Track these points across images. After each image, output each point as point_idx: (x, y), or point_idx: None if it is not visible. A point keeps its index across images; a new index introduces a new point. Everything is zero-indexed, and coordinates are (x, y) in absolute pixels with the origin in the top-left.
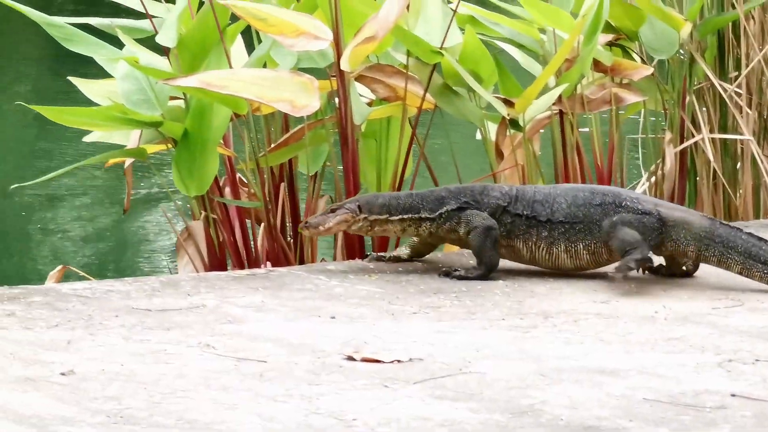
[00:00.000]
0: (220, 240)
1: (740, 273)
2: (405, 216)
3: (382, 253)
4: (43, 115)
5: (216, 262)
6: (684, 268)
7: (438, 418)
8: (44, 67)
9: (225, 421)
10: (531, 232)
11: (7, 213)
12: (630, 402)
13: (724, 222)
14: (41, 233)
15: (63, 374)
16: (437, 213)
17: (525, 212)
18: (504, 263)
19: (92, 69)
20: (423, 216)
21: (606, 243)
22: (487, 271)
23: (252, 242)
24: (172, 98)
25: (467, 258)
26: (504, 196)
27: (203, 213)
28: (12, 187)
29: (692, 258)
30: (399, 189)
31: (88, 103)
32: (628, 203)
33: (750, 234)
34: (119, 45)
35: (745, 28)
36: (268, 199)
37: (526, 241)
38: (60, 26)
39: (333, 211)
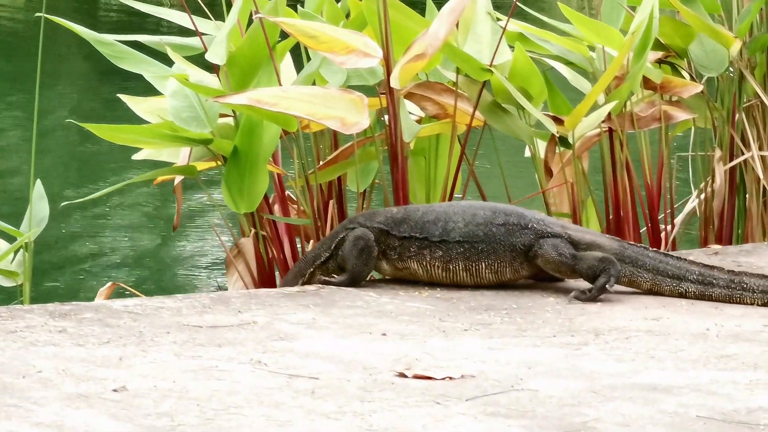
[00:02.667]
0: (270, 257)
1: (649, 290)
2: (313, 266)
3: None
4: (89, 132)
5: (266, 278)
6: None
7: None
8: (88, 85)
9: None
10: (424, 253)
11: (54, 229)
12: (683, 419)
13: (631, 243)
14: (89, 249)
15: (115, 391)
16: (332, 248)
17: (414, 234)
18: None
19: (136, 86)
20: (323, 259)
21: (511, 263)
22: (350, 280)
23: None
24: (222, 115)
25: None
26: (387, 221)
27: (253, 230)
28: (62, 205)
29: None
30: None
31: (132, 119)
32: (534, 225)
33: (656, 251)
34: (167, 62)
35: None
36: (317, 216)
37: (420, 261)
38: (110, 44)
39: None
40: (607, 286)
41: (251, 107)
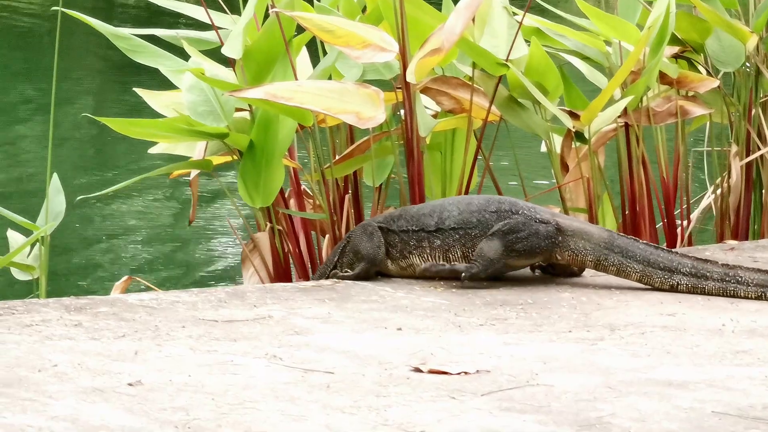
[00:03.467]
0: (286, 251)
1: (639, 281)
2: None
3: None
4: (106, 126)
5: (281, 273)
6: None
7: (506, 431)
8: (105, 79)
9: None
10: (423, 245)
11: (70, 222)
12: (699, 415)
13: (621, 234)
14: (105, 242)
15: (131, 385)
16: (335, 260)
17: (410, 227)
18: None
19: (154, 80)
20: (328, 274)
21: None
22: (366, 266)
23: (317, 254)
24: (238, 110)
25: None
26: (385, 219)
27: (268, 224)
28: (78, 198)
29: (591, 267)
30: None
31: (148, 113)
32: (525, 212)
33: (647, 243)
34: (184, 56)
35: None
36: (333, 210)
37: (421, 254)
38: (126, 38)
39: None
40: (477, 269)
41: (267, 101)
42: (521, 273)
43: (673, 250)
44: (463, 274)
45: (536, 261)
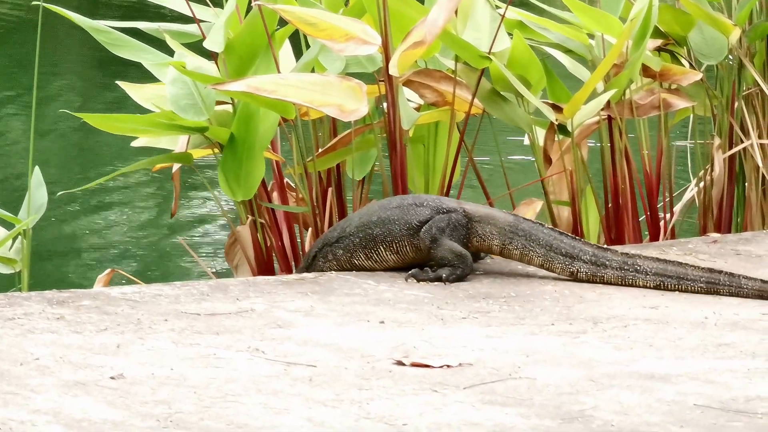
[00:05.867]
0: (268, 245)
1: (542, 266)
2: None
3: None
4: (87, 121)
5: (263, 266)
6: None
7: (488, 424)
8: (89, 73)
9: (275, 426)
10: (329, 258)
11: (53, 216)
12: (681, 408)
13: (527, 218)
14: (88, 236)
15: (113, 378)
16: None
17: (315, 249)
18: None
19: (137, 73)
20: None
21: (410, 241)
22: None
23: (300, 247)
24: (220, 103)
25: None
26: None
27: (250, 217)
28: (60, 193)
29: (496, 252)
30: (447, 194)
31: (136, 107)
32: (430, 203)
33: (551, 228)
34: (166, 50)
35: None
36: (315, 203)
37: (331, 268)
38: (106, 31)
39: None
40: (443, 277)
41: (250, 94)
42: (504, 266)
43: (576, 237)
44: (444, 276)
45: None
